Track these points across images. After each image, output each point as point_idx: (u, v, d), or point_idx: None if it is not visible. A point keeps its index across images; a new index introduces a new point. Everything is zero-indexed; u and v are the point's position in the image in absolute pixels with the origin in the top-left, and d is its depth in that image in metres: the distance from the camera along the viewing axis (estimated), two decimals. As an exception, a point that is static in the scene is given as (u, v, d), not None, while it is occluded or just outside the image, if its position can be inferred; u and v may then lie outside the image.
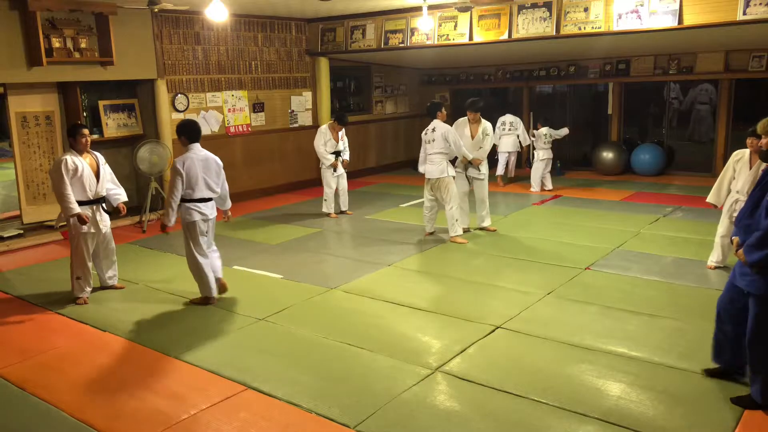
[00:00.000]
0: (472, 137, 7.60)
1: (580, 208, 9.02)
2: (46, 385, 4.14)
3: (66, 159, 5.45)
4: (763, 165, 5.13)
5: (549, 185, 10.49)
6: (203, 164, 5.34)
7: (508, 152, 11.09)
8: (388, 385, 3.98)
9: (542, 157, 10.41)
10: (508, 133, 10.78)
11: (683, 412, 3.57)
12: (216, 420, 3.65)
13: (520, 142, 11.13)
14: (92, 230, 5.63)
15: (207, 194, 5.39)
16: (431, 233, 7.66)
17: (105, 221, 5.77)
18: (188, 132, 5.41)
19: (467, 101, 7.68)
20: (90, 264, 5.73)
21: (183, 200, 5.32)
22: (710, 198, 5.96)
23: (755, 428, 3.41)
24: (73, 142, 5.57)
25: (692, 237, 7.21)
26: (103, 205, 5.71)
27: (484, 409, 3.68)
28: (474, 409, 3.69)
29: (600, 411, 3.59)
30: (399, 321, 5.08)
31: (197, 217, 5.36)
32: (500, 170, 11.13)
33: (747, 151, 5.57)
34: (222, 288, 5.66)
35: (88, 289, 5.73)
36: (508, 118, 10.98)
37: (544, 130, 10.44)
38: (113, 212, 5.95)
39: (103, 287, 6.01)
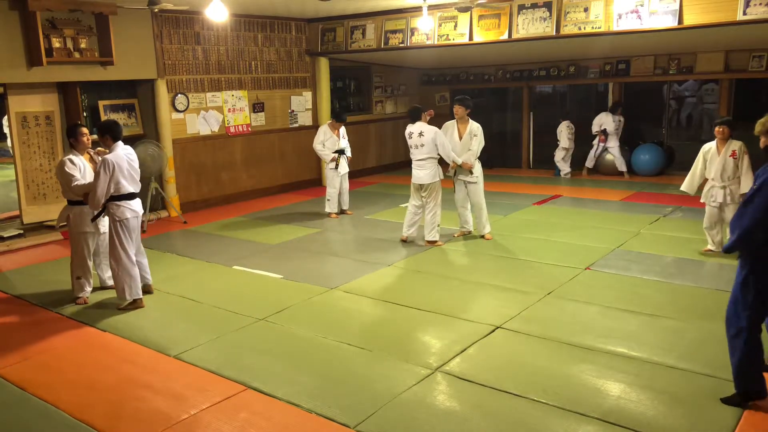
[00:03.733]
0: (460, 138, 7.19)
1: (580, 208, 9.03)
2: (46, 385, 4.15)
3: (67, 158, 5.49)
4: (729, 151, 6.20)
5: (565, 169, 11.93)
6: (127, 160, 5.39)
7: (566, 149, 11.92)
8: (388, 385, 3.98)
9: (561, 146, 11.85)
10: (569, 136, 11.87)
11: (683, 412, 3.57)
12: (216, 420, 3.65)
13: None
14: (92, 230, 5.65)
15: (134, 189, 5.43)
16: (407, 240, 7.38)
17: (104, 221, 5.77)
18: (113, 132, 5.38)
19: (456, 96, 7.33)
20: (90, 264, 5.74)
21: (113, 197, 5.32)
22: (684, 186, 6.79)
23: (755, 428, 3.41)
24: (74, 142, 5.58)
25: (692, 237, 7.20)
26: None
27: (484, 409, 3.68)
28: (474, 409, 3.69)
29: (600, 411, 3.59)
30: (399, 321, 5.08)
31: (129, 214, 5.38)
32: (564, 170, 12.01)
33: (714, 143, 6.45)
34: (147, 290, 5.76)
35: (88, 289, 5.74)
36: (566, 123, 11.85)
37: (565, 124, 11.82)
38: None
39: (104, 287, 6.02)
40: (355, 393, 3.89)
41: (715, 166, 6.37)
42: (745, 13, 6.96)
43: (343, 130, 8.99)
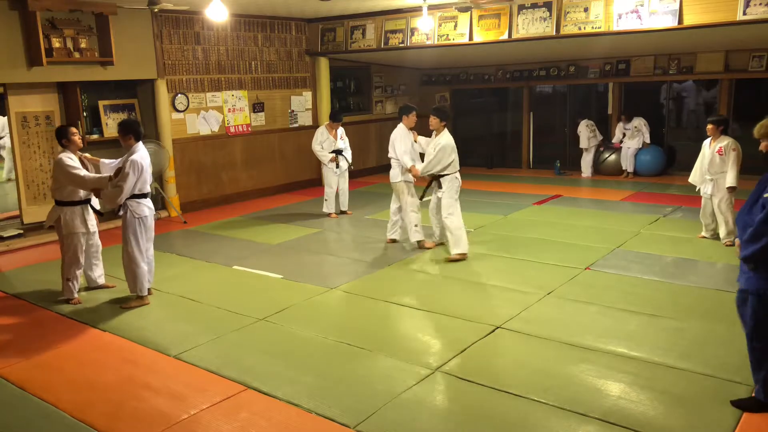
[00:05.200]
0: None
1: (580, 208, 9.02)
2: (46, 385, 4.15)
3: (63, 155, 5.46)
4: (718, 146, 6.72)
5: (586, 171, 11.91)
6: (148, 160, 5.49)
7: (629, 148, 11.54)
8: (388, 385, 3.98)
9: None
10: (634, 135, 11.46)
11: (683, 412, 3.57)
12: (216, 420, 3.65)
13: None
14: (84, 230, 5.65)
15: (149, 188, 5.52)
16: (393, 241, 7.36)
17: (92, 221, 5.78)
18: (135, 131, 5.43)
19: (433, 107, 6.89)
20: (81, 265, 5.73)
21: (134, 195, 5.37)
22: (690, 178, 7.32)
23: (755, 429, 3.41)
24: (66, 143, 5.52)
25: (692, 237, 7.21)
26: (91, 204, 5.72)
27: (484, 409, 3.68)
28: (474, 409, 3.69)
29: (600, 411, 3.59)
30: (399, 321, 5.08)
31: (147, 212, 5.47)
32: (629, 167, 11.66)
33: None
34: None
35: (77, 288, 5.74)
36: (635, 121, 11.34)
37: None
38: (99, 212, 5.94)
39: (92, 287, 6.01)
40: (355, 393, 3.89)
41: (705, 160, 6.98)
42: (745, 13, 6.96)
43: (342, 131, 8.99)
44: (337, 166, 8.86)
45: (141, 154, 5.37)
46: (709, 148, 6.92)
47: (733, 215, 6.83)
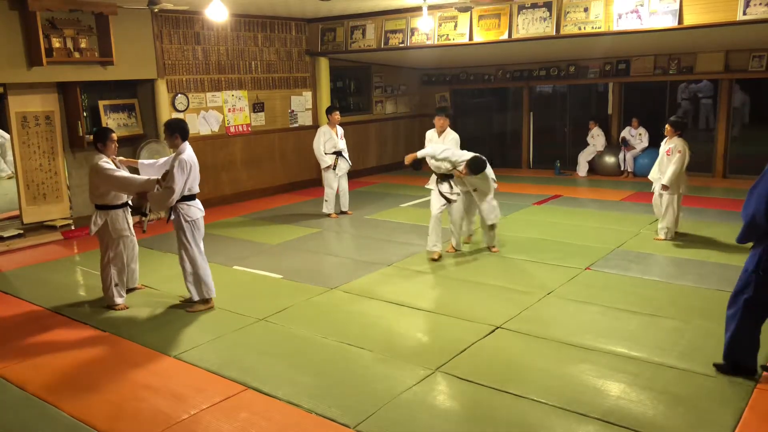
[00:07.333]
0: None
1: (580, 208, 9.02)
2: (47, 385, 4.15)
3: (101, 161, 5.33)
4: (668, 147, 6.81)
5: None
6: (196, 159, 5.41)
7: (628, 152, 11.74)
8: (388, 385, 3.98)
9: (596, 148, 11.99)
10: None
11: (683, 412, 3.57)
12: (216, 420, 3.65)
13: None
14: (129, 233, 5.60)
15: (198, 189, 5.45)
16: (465, 242, 7.20)
17: (131, 224, 5.74)
18: (182, 131, 5.34)
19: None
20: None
21: (183, 198, 5.29)
22: (650, 174, 7.28)
23: (755, 428, 3.41)
24: (102, 147, 5.42)
25: (692, 237, 7.20)
26: (129, 204, 5.69)
27: (484, 409, 3.68)
28: (474, 409, 3.69)
29: (600, 411, 3.59)
30: (399, 321, 5.08)
31: (198, 214, 5.41)
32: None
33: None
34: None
35: (124, 294, 5.65)
36: (640, 129, 11.54)
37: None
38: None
39: (128, 289, 5.95)
40: (355, 393, 3.89)
41: (657, 160, 7.16)
42: (745, 13, 6.96)
43: (341, 131, 8.99)
44: (333, 168, 8.86)
45: (189, 153, 5.26)
46: (662, 148, 7.07)
47: (672, 213, 7.01)
